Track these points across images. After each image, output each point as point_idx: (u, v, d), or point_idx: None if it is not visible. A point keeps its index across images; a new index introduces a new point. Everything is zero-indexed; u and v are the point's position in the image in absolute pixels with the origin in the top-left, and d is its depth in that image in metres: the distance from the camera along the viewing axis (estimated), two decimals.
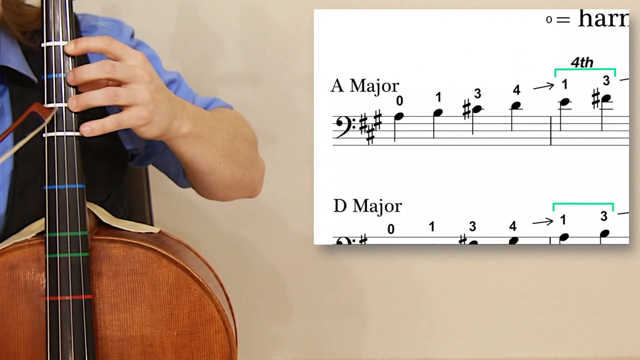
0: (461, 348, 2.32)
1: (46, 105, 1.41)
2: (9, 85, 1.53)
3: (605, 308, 2.31)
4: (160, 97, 1.44)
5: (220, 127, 1.60)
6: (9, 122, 1.53)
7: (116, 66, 1.40)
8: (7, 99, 1.53)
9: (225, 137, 1.60)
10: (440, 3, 2.21)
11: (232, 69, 2.23)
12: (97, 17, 1.63)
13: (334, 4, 2.20)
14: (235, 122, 1.67)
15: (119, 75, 1.40)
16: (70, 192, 1.42)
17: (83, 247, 1.41)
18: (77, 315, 1.41)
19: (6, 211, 1.52)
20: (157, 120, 1.44)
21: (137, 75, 1.41)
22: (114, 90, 1.40)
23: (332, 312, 2.30)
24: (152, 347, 1.43)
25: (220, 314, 1.45)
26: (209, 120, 1.57)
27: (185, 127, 1.50)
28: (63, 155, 1.42)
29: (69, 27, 1.45)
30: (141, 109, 1.41)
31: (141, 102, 1.41)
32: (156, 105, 1.43)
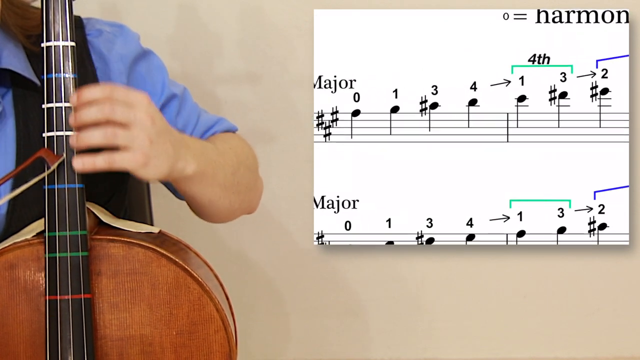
0: (461, 348, 2.32)
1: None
2: (12, 88, 1.54)
3: (605, 308, 2.31)
4: (161, 141, 1.42)
5: (224, 162, 1.59)
6: (11, 124, 1.53)
7: (116, 109, 1.38)
8: (10, 101, 1.53)
9: (228, 171, 1.60)
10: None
11: (232, 69, 2.24)
12: (102, 22, 1.63)
13: (333, 4, 2.20)
14: (239, 152, 1.66)
15: (118, 118, 1.39)
16: (70, 192, 1.42)
17: (82, 247, 1.42)
18: (76, 314, 1.41)
19: (7, 212, 1.52)
20: (155, 165, 1.41)
21: (137, 119, 1.39)
22: (113, 131, 1.38)
23: (332, 312, 2.30)
24: (152, 347, 1.44)
25: (220, 313, 1.45)
26: (212, 155, 1.56)
27: (190, 168, 1.49)
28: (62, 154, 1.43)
29: (68, 27, 1.45)
30: (137, 153, 1.39)
31: (138, 146, 1.39)
32: (155, 150, 1.40)
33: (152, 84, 1.64)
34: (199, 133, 1.69)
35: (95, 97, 1.39)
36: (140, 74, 1.63)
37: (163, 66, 1.68)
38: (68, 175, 1.43)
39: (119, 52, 1.60)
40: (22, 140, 1.52)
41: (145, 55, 1.65)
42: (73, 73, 1.45)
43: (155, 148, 1.40)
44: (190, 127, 1.68)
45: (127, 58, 1.61)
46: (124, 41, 1.62)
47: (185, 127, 1.67)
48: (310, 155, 2.21)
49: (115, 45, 1.60)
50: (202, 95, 2.15)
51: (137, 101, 1.40)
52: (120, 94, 1.40)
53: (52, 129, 1.43)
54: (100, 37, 1.59)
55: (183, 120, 1.67)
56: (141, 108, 1.40)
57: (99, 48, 1.58)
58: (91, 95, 1.39)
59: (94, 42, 1.59)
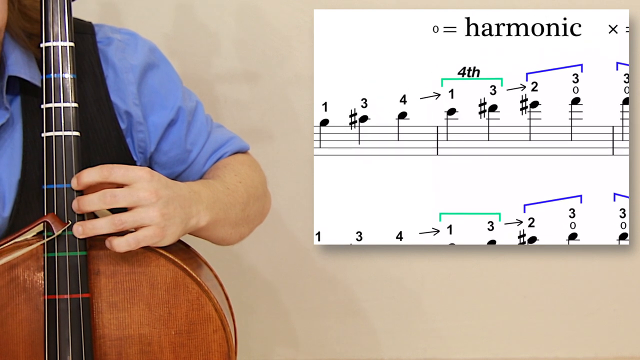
0: (461, 348, 2.32)
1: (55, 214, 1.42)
2: (21, 95, 1.54)
3: (605, 308, 2.31)
4: (171, 209, 1.44)
5: (234, 201, 1.60)
6: (19, 131, 1.53)
7: (117, 196, 1.40)
8: (18, 108, 1.53)
9: (239, 209, 1.61)
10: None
11: (232, 69, 2.24)
12: (114, 29, 1.62)
13: (333, 4, 2.20)
14: (249, 183, 1.67)
15: (122, 204, 1.41)
16: (69, 192, 1.42)
17: (81, 246, 1.42)
18: (75, 314, 1.41)
19: (10, 215, 1.53)
20: (171, 232, 1.45)
21: (141, 199, 1.41)
22: (120, 219, 1.41)
23: (332, 312, 2.30)
24: (150, 346, 1.44)
25: (218, 313, 1.45)
26: (224, 199, 1.58)
27: (203, 220, 1.51)
28: (62, 154, 1.43)
29: (67, 27, 1.45)
30: (150, 229, 1.42)
31: (150, 222, 1.42)
32: (167, 220, 1.43)
33: (164, 96, 1.64)
34: (207, 153, 1.69)
35: (94, 180, 1.41)
36: (152, 86, 1.62)
37: (176, 77, 1.67)
38: (67, 175, 1.43)
39: (129, 61, 1.59)
40: (28, 147, 1.52)
41: (156, 66, 1.64)
42: (72, 73, 1.45)
43: (167, 218, 1.43)
44: (198, 145, 1.68)
45: (137, 68, 1.60)
46: (135, 50, 1.61)
47: (194, 145, 1.68)
48: (310, 155, 2.21)
49: (126, 54, 1.59)
50: (202, 95, 2.15)
51: (137, 178, 1.41)
52: (119, 175, 1.41)
53: (50, 129, 1.43)
54: (111, 45, 1.59)
55: (192, 137, 1.68)
56: (142, 186, 1.41)
57: (110, 56, 1.58)
58: (91, 179, 1.41)
59: (105, 50, 1.58)
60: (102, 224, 1.41)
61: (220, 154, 1.71)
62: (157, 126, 1.62)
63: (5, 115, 1.51)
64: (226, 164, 1.69)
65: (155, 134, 1.62)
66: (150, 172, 1.43)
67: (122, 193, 1.41)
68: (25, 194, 1.52)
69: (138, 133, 1.59)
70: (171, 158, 1.66)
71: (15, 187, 1.52)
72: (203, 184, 1.57)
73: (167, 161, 1.66)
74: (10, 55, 1.51)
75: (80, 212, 1.42)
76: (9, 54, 1.51)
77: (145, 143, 1.61)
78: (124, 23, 2.18)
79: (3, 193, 1.52)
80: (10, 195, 1.52)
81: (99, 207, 1.41)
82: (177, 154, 1.66)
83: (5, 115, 1.51)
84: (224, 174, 1.65)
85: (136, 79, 1.59)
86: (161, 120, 1.62)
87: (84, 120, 1.54)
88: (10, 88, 1.52)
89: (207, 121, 1.71)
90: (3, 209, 1.52)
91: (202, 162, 1.69)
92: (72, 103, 1.44)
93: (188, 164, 1.68)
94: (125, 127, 1.58)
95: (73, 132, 1.43)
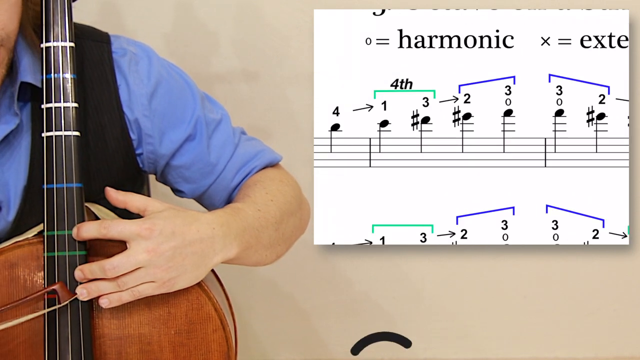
0: (461, 348, 2.32)
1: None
2: (31, 101, 1.53)
3: (605, 308, 2.31)
4: (178, 260, 1.42)
5: (266, 222, 1.56)
6: (27, 138, 1.53)
7: (117, 267, 1.39)
8: (28, 114, 1.53)
9: (272, 230, 1.57)
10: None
11: (231, 69, 2.24)
12: (130, 41, 1.60)
13: (333, 4, 2.21)
14: (280, 200, 1.62)
15: (122, 272, 1.39)
16: (68, 191, 1.42)
17: (81, 246, 1.42)
18: (75, 313, 1.41)
19: (14, 219, 1.53)
20: (183, 279, 1.43)
21: (139, 261, 1.39)
22: (123, 280, 1.40)
23: (332, 312, 2.30)
24: (150, 346, 1.44)
25: (218, 312, 1.45)
26: (254, 223, 1.54)
27: (231, 253, 1.48)
28: (62, 154, 1.43)
29: (67, 28, 1.45)
30: (152, 285, 1.41)
31: (153, 279, 1.40)
32: (173, 272, 1.41)
33: (181, 109, 1.61)
34: (235, 167, 1.65)
35: (92, 236, 1.40)
36: (165, 100, 1.60)
37: (191, 91, 1.63)
38: (67, 175, 1.43)
39: (141, 75, 1.58)
40: (36, 152, 1.52)
41: (170, 81, 1.61)
42: (72, 73, 1.45)
43: (172, 271, 1.41)
44: (224, 158, 1.65)
45: (150, 82, 1.58)
46: (148, 65, 1.59)
47: (219, 158, 1.64)
48: (310, 155, 2.21)
49: (139, 67, 1.58)
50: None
51: (134, 236, 1.39)
52: (116, 232, 1.40)
53: (50, 129, 1.43)
54: (125, 57, 1.58)
55: (216, 150, 1.64)
56: (140, 247, 1.39)
57: (123, 67, 1.57)
58: (89, 235, 1.40)
59: (119, 61, 1.57)
60: (106, 285, 1.40)
61: (249, 169, 1.66)
62: (173, 142, 1.60)
63: (15, 121, 1.51)
64: (256, 182, 1.65)
65: (168, 149, 1.60)
66: (151, 225, 1.41)
67: (119, 264, 1.39)
68: (30, 198, 1.52)
69: (147, 145, 1.58)
70: (195, 172, 1.63)
71: (20, 192, 1.52)
72: (233, 211, 1.52)
73: (191, 176, 1.64)
74: (22, 59, 1.51)
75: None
76: (21, 58, 1.51)
77: (156, 155, 1.60)
78: (124, 23, 2.18)
79: (9, 198, 1.52)
80: (16, 201, 1.52)
81: (99, 284, 1.40)
82: (201, 167, 1.63)
83: (15, 121, 1.51)
84: (254, 193, 1.61)
85: (148, 94, 1.57)
86: (177, 137, 1.60)
87: (96, 128, 1.54)
88: (21, 94, 1.52)
89: (234, 134, 1.67)
90: (8, 213, 1.52)
91: (230, 177, 1.65)
92: (72, 103, 1.44)
93: (215, 177, 1.64)
94: (135, 139, 1.57)
95: (73, 132, 1.43)
